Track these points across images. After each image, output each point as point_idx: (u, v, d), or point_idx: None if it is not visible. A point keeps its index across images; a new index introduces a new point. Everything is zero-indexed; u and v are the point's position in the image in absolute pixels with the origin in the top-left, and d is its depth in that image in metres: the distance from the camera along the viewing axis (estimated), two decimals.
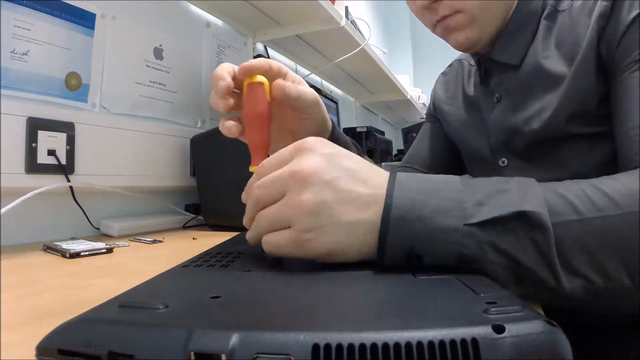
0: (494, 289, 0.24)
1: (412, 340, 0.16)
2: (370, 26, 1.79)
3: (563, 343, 0.18)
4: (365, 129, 1.75)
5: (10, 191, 0.60)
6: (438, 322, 0.18)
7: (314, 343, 0.16)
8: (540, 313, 0.20)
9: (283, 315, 0.19)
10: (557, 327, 0.18)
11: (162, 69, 0.92)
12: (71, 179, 0.68)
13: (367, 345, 0.16)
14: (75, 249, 0.52)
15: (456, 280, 0.26)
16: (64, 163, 0.67)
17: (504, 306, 0.20)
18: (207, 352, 0.16)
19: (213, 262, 0.34)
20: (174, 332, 0.17)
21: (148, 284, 0.26)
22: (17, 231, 0.64)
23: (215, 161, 0.80)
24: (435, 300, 0.22)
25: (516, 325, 0.18)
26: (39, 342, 0.18)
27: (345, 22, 1.22)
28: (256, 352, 0.16)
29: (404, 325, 0.18)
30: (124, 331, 0.18)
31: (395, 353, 0.16)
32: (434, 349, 0.16)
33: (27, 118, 0.63)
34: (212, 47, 1.10)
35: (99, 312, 0.21)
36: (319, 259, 0.30)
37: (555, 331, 0.18)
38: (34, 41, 0.67)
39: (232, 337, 0.17)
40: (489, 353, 0.17)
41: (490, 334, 0.17)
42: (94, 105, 0.77)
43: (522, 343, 0.17)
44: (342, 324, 0.18)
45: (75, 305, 0.32)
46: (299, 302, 0.22)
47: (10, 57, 0.64)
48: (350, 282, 0.27)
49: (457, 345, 0.17)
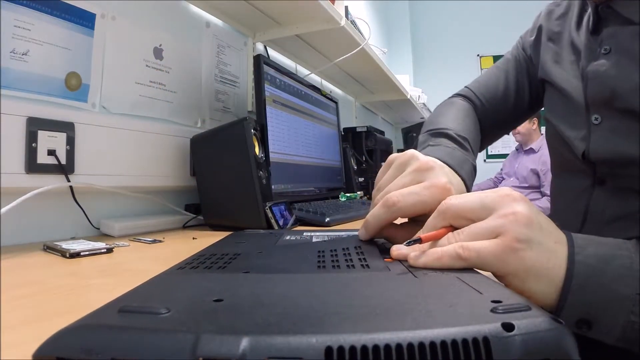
0: (497, 288, 0.24)
1: (424, 341, 0.16)
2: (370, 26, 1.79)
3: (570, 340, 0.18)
4: (365, 128, 1.74)
5: (10, 191, 0.60)
6: (448, 322, 0.18)
7: (326, 346, 0.16)
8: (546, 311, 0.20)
9: (290, 318, 0.19)
10: (564, 324, 0.18)
11: (162, 69, 0.92)
12: (71, 179, 0.68)
13: (380, 346, 0.16)
14: (75, 249, 0.52)
15: (457, 280, 0.26)
16: (64, 163, 0.67)
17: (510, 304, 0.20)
18: (216, 357, 0.16)
19: (209, 264, 0.33)
20: (180, 338, 0.17)
21: (145, 287, 0.26)
22: (17, 231, 0.64)
23: (215, 161, 0.80)
24: (441, 300, 0.22)
25: (525, 322, 0.18)
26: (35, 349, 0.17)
27: (345, 22, 1.22)
28: (267, 356, 0.16)
29: (415, 325, 0.17)
30: (126, 337, 0.17)
31: (409, 353, 0.16)
32: (447, 349, 0.16)
33: (27, 118, 0.63)
34: (212, 47, 1.10)
35: (99, 318, 0.20)
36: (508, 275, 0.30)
37: (562, 328, 0.18)
38: (34, 41, 0.67)
39: (242, 341, 0.16)
40: (500, 351, 0.17)
41: (500, 332, 0.17)
42: (94, 105, 0.77)
43: (531, 340, 0.17)
44: (352, 325, 0.18)
45: (76, 306, 0.32)
46: (305, 304, 0.21)
47: (10, 57, 0.64)
48: (351, 282, 0.27)
49: (469, 344, 0.17)
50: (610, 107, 0.52)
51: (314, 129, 1.28)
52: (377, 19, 3.17)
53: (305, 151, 1.19)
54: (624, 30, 0.51)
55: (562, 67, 0.62)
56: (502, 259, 0.29)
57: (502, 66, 0.76)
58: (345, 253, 0.37)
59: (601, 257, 0.30)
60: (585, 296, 0.29)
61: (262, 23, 1.20)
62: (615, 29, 0.52)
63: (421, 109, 2.73)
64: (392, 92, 2.22)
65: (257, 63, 0.99)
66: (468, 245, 0.30)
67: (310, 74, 1.61)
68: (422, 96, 2.77)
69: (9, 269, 0.45)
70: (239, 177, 0.76)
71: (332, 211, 0.91)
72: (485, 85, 0.76)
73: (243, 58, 1.23)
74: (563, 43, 0.63)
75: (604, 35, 0.54)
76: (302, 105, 1.22)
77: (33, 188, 0.60)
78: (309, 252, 0.37)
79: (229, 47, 1.16)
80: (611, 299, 0.28)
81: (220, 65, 1.12)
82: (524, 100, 0.73)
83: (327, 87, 1.91)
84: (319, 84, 1.77)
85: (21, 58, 0.65)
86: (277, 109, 1.05)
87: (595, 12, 0.55)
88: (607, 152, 0.53)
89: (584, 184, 0.58)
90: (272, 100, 1.03)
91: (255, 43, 1.28)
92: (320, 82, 1.81)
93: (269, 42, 1.35)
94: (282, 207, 0.80)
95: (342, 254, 0.37)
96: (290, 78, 1.16)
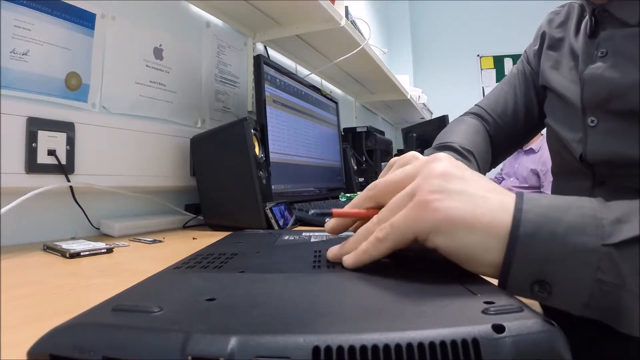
0: (490, 288, 0.24)
1: (413, 341, 0.16)
2: (370, 26, 1.79)
3: (562, 342, 0.18)
4: (365, 128, 1.74)
5: (10, 191, 0.60)
6: (438, 323, 0.18)
7: (314, 345, 0.16)
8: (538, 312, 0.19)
9: (282, 317, 0.19)
10: (556, 327, 0.18)
11: (162, 69, 0.92)
12: (71, 179, 0.68)
13: (368, 346, 0.16)
14: (75, 249, 0.52)
15: (452, 280, 0.26)
16: (64, 163, 0.67)
17: (502, 305, 0.20)
18: (205, 356, 0.16)
19: (206, 264, 0.33)
20: (170, 336, 0.17)
21: (141, 286, 0.26)
22: (17, 231, 0.64)
23: (215, 161, 0.80)
24: (432, 300, 0.22)
25: (516, 324, 0.18)
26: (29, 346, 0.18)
27: (345, 22, 1.22)
28: (255, 355, 0.16)
29: (404, 326, 0.17)
30: (118, 335, 0.17)
31: (397, 354, 0.16)
32: (435, 350, 0.16)
33: (27, 118, 0.63)
34: (212, 47, 1.10)
35: (92, 316, 0.20)
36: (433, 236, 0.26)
37: (554, 330, 0.18)
38: (34, 41, 0.67)
39: (230, 340, 0.16)
40: (490, 353, 0.17)
41: (490, 333, 0.17)
42: (94, 105, 0.77)
43: (522, 342, 0.17)
44: (342, 325, 0.18)
45: (76, 306, 0.32)
46: (297, 304, 0.21)
47: (10, 57, 0.64)
48: (346, 282, 0.27)
49: (457, 346, 0.17)
50: (606, 109, 0.52)
51: (314, 129, 1.28)
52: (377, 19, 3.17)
53: (305, 151, 1.19)
54: (619, 32, 0.51)
55: (561, 73, 0.62)
56: (416, 218, 0.26)
57: (509, 81, 0.77)
58: None
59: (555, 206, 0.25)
60: (537, 247, 0.24)
61: (262, 23, 1.20)
62: (612, 32, 0.52)
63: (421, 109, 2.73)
64: (392, 92, 2.22)
65: (257, 63, 0.99)
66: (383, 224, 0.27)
67: (310, 74, 1.61)
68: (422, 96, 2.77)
69: (9, 269, 0.45)
70: (239, 177, 0.76)
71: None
72: (495, 102, 0.76)
73: (243, 58, 1.23)
74: (563, 50, 0.63)
75: (601, 38, 0.54)
76: (302, 105, 1.22)
77: (33, 188, 0.60)
78: (306, 252, 0.38)
79: (229, 47, 1.16)
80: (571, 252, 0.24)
81: (220, 65, 1.12)
82: (534, 113, 0.73)
83: (327, 87, 1.91)
84: (319, 84, 1.77)
85: (21, 58, 0.65)
86: (277, 109, 1.05)
87: (592, 15, 0.55)
88: (604, 154, 0.53)
89: (584, 185, 0.59)
90: (272, 100, 1.03)
91: (255, 43, 1.28)
92: (321, 82, 1.81)
93: (269, 42, 1.35)
94: (282, 207, 0.80)
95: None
96: (290, 78, 1.16)
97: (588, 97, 0.55)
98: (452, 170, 0.28)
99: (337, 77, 1.89)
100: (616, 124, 0.51)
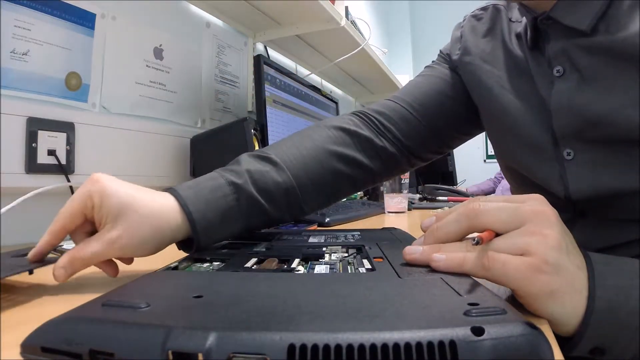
0: (478, 290, 0.24)
1: (388, 342, 0.16)
2: (370, 26, 1.79)
3: (544, 346, 0.18)
4: None
5: (10, 191, 0.60)
6: (417, 324, 0.18)
7: (289, 343, 0.16)
8: (522, 315, 0.19)
9: (262, 315, 0.19)
10: (539, 330, 0.18)
11: (162, 69, 0.92)
12: (71, 179, 0.69)
13: (342, 346, 0.16)
14: None
15: (440, 280, 0.26)
16: (64, 163, 0.67)
17: (485, 308, 0.20)
18: (184, 351, 0.17)
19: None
20: (152, 331, 0.17)
21: (134, 283, 0.27)
22: (17, 231, 0.64)
23: (215, 161, 0.80)
24: (417, 301, 0.22)
25: (496, 327, 0.18)
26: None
27: (345, 22, 1.22)
28: (232, 351, 0.16)
29: (382, 327, 0.18)
30: (104, 330, 0.18)
31: (372, 354, 0.16)
32: (411, 351, 0.16)
33: (27, 118, 0.63)
34: (212, 47, 1.10)
35: (82, 311, 0.21)
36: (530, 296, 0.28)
37: (536, 334, 0.18)
38: (34, 41, 0.67)
39: (209, 336, 0.17)
40: (467, 355, 0.17)
41: (468, 336, 0.17)
42: (94, 105, 0.77)
43: (502, 346, 0.17)
44: (320, 324, 0.18)
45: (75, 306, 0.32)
46: (280, 302, 0.22)
47: (10, 57, 0.64)
48: (333, 283, 0.27)
49: (434, 347, 0.17)
50: (583, 138, 0.45)
51: None
52: (377, 19, 3.17)
53: None
54: (571, 44, 0.44)
55: (515, 94, 0.52)
56: (527, 278, 0.27)
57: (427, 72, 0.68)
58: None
59: (621, 289, 0.29)
60: (603, 330, 0.28)
61: (262, 23, 1.20)
62: (563, 44, 0.45)
63: None
64: (392, 92, 2.20)
65: (257, 63, 0.99)
66: (494, 255, 0.28)
67: (310, 74, 1.62)
68: None
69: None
70: None
71: (332, 211, 0.91)
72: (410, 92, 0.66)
73: (243, 58, 1.23)
74: (501, 64, 0.55)
75: (550, 53, 0.47)
76: (302, 105, 1.23)
77: (33, 188, 0.60)
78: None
79: (229, 47, 1.16)
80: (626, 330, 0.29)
81: (220, 65, 1.13)
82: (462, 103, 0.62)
83: (327, 87, 1.91)
84: (319, 84, 1.77)
85: (21, 58, 0.65)
86: (277, 109, 1.05)
87: (534, 26, 0.48)
88: (590, 190, 0.46)
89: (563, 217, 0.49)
90: (272, 100, 1.03)
91: (255, 43, 1.28)
92: (321, 82, 1.81)
93: (269, 42, 1.35)
94: None
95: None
96: (290, 78, 1.16)
97: (560, 127, 0.47)
98: (562, 240, 0.29)
99: (337, 77, 1.89)
100: (597, 153, 0.45)
